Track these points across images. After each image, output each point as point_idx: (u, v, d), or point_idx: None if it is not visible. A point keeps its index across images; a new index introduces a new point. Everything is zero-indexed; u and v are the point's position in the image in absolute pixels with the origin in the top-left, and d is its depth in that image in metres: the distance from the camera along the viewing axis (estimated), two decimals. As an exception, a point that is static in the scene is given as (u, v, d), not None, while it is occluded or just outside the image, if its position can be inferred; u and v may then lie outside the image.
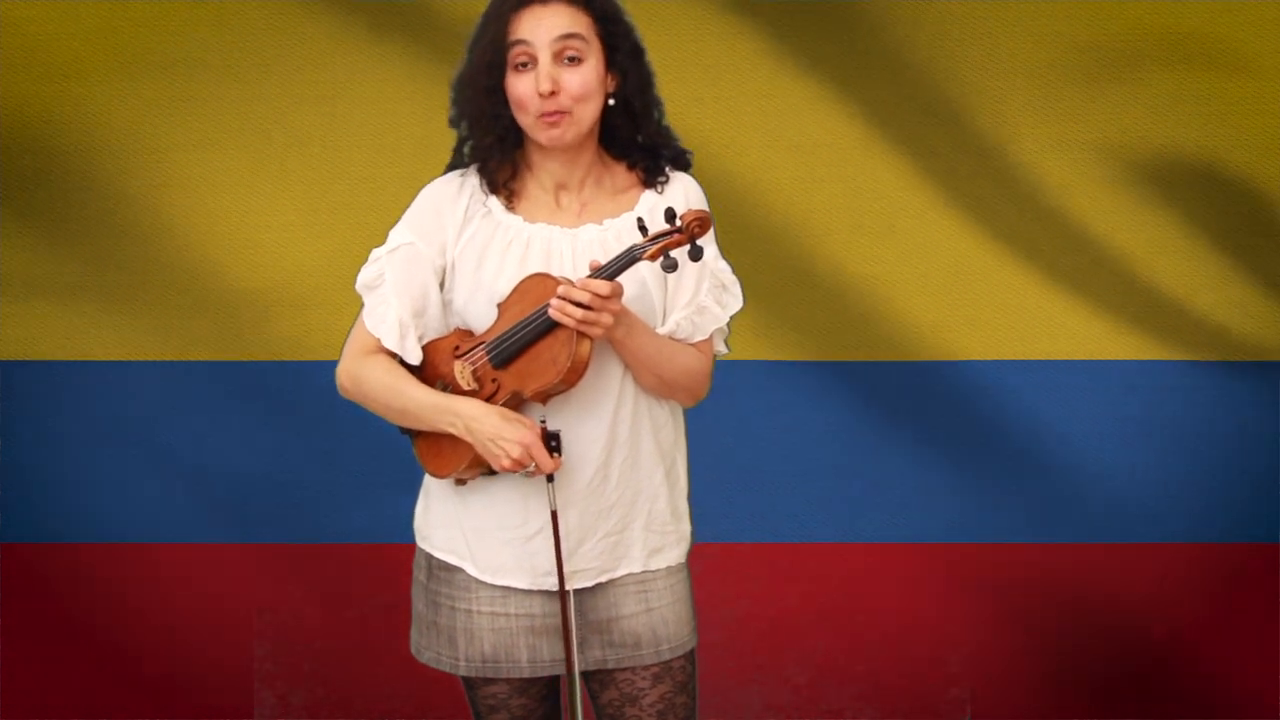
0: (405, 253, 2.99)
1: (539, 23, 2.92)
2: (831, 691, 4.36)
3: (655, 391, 3.00)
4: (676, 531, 3.09)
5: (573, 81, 2.92)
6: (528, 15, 2.93)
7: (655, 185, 3.03)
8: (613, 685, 3.06)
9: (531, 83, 2.91)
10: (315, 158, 4.28)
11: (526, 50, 2.92)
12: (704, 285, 3.03)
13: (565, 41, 2.92)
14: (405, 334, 2.98)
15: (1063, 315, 4.27)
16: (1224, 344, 4.25)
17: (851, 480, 4.30)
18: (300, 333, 4.29)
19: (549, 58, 2.91)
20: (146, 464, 4.32)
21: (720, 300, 3.04)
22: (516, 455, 2.87)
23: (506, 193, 3.00)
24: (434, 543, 3.05)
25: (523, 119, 2.95)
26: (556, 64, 2.92)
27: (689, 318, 3.02)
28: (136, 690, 4.36)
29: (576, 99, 2.92)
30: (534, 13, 2.93)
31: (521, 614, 3.02)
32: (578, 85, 2.92)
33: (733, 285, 3.06)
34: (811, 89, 4.21)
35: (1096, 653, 4.31)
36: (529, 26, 2.92)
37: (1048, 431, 4.28)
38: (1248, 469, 4.26)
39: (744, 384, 4.23)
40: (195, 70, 4.27)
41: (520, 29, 2.93)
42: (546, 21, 2.92)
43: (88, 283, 4.30)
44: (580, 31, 2.93)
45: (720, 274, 3.05)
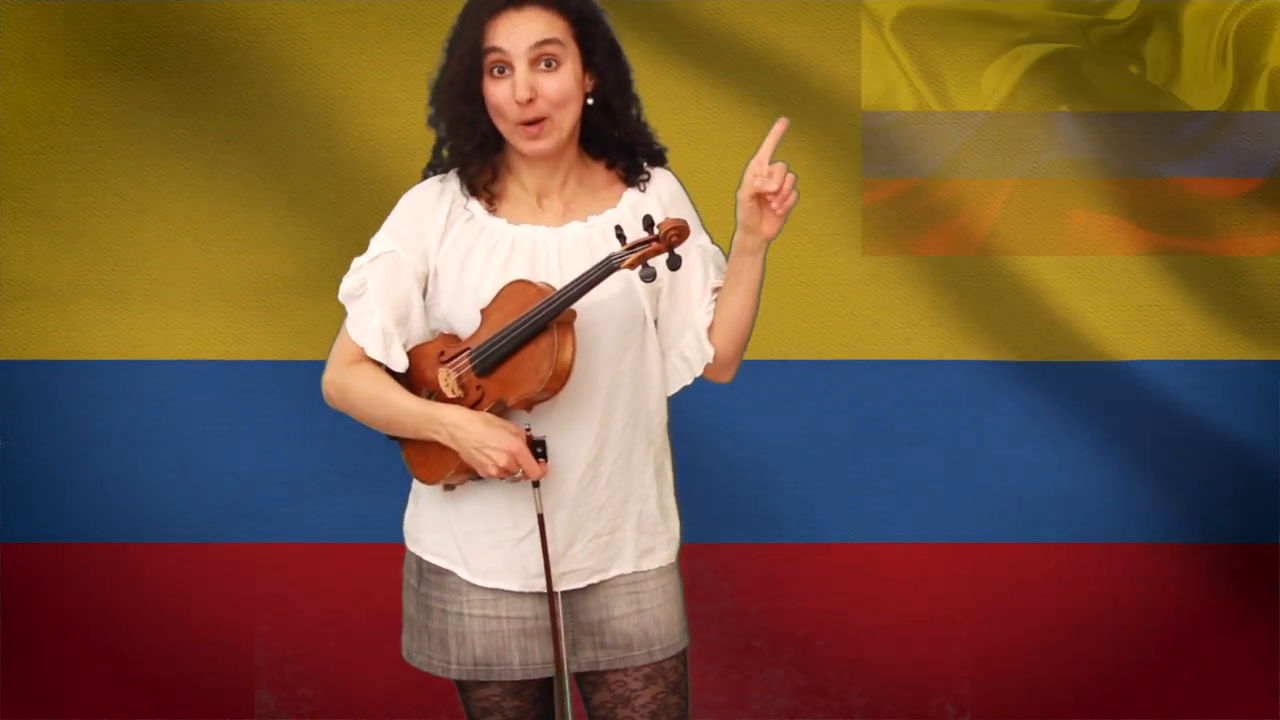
0: (387, 260, 2.99)
1: (514, 29, 2.91)
2: (830, 692, 4.35)
3: (740, 338, 3.04)
4: (666, 531, 3.08)
5: (550, 87, 2.91)
6: (503, 22, 2.91)
7: (637, 184, 3.03)
8: (605, 687, 3.06)
9: (508, 90, 2.91)
10: (315, 158, 4.28)
11: (502, 58, 2.91)
12: (709, 269, 3.06)
13: (541, 48, 2.91)
14: (389, 342, 2.98)
15: (1061, 315, 4.27)
16: (1224, 344, 4.24)
17: (851, 480, 4.30)
18: (299, 332, 4.30)
19: (525, 65, 2.90)
20: (146, 464, 4.33)
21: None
22: (503, 463, 2.87)
23: (488, 196, 3.00)
24: (424, 546, 3.05)
25: (502, 125, 2.95)
26: (533, 70, 2.91)
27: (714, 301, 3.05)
28: (136, 690, 4.36)
29: (555, 104, 2.91)
30: (509, 19, 2.91)
31: (513, 616, 3.02)
32: (555, 91, 2.91)
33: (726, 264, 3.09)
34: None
35: (1096, 653, 4.30)
36: (504, 33, 2.91)
37: (1047, 432, 4.28)
38: (1248, 469, 4.25)
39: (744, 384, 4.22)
40: (195, 70, 4.27)
41: (495, 36, 2.91)
42: (522, 28, 2.91)
43: (88, 283, 4.31)
44: (556, 36, 2.91)
45: (717, 257, 3.08)
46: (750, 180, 2.90)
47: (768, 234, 2.94)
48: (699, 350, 3.05)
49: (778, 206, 2.91)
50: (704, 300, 3.05)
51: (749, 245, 2.96)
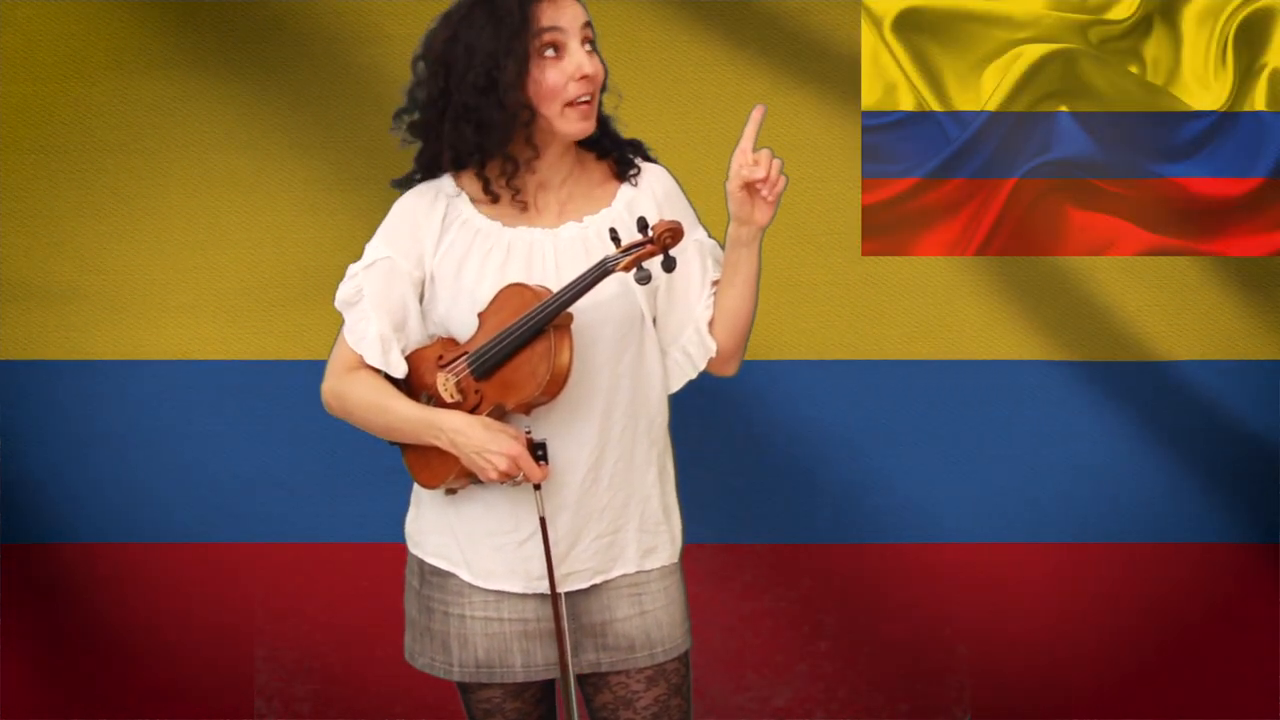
0: (382, 267, 2.99)
1: (562, 10, 2.92)
2: (830, 692, 4.35)
3: (740, 330, 3.04)
4: (669, 530, 3.08)
5: (597, 67, 2.94)
6: (549, 4, 2.92)
7: (629, 178, 3.03)
8: (607, 688, 3.06)
9: (563, 70, 2.91)
10: (315, 158, 4.28)
11: (559, 37, 2.91)
12: (708, 263, 3.06)
13: (587, 29, 2.94)
14: (388, 349, 2.98)
15: (1061, 316, 4.27)
16: (1224, 344, 4.24)
17: (851, 480, 4.30)
18: (300, 332, 4.30)
19: (578, 43, 2.92)
20: (146, 464, 4.33)
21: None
22: (503, 467, 2.87)
23: (490, 198, 2.99)
24: (426, 548, 3.05)
25: (549, 109, 2.92)
26: (582, 50, 2.93)
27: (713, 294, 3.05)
28: (136, 690, 4.36)
29: (599, 85, 2.95)
30: (555, 2, 2.92)
31: (515, 618, 3.02)
32: (599, 72, 2.94)
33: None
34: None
35: (1096, 653, 4.31)
36: (558, 13, 2.92)
37: (1047, 432, 4.28)
38: (1248, 469, 4.25)
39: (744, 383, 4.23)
40: (195, 70, 4.27)
41: (550, 17, 2.91)
42: (571, 9, 2.93)
43: (87, 283, 4.31)
44: (591, 19, 2.96)
45: (715, 250, 3.08)
46: (737, 170, 2.92)
47: (761, 222, 2.94)
48: (700, 345, 3.05)
49: (768, 193, 2.91)
50: (703, 294, 3.05)
51: (743, 236, 2.96)
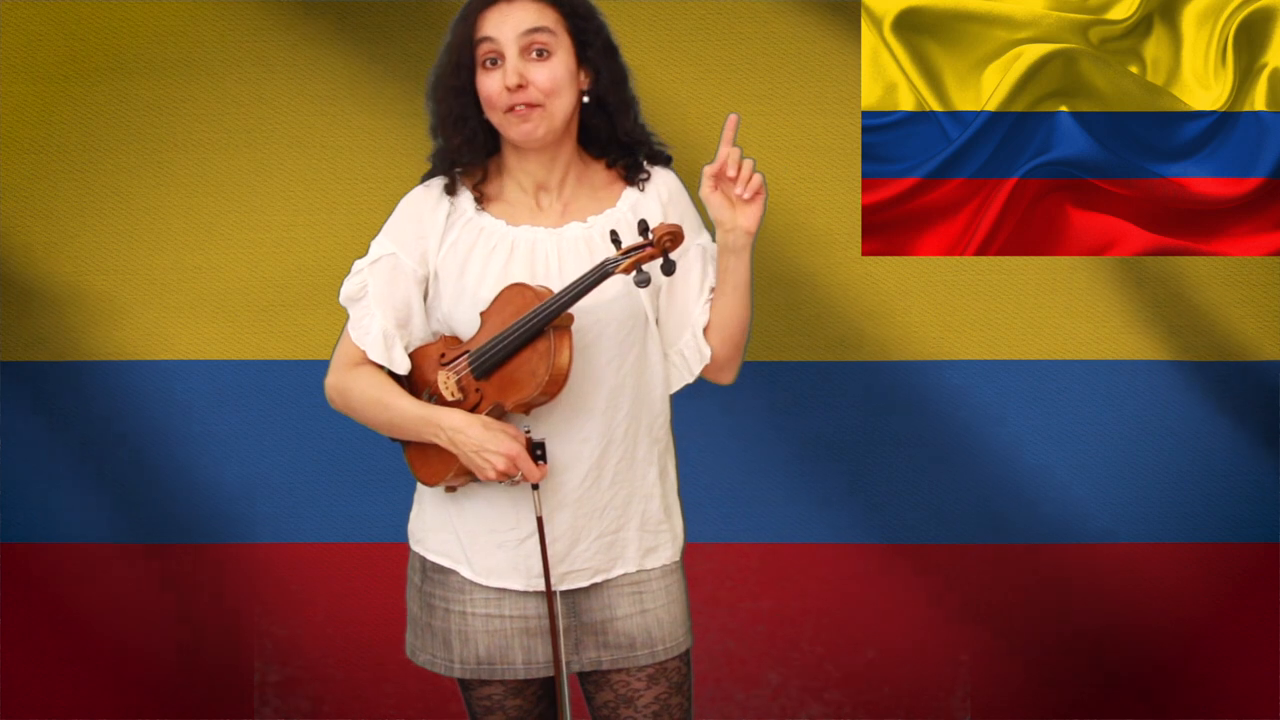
0: (387, 264, 3.00)
1: (504, 19, 2.93)
2: (830, 692, 4.35)
3: (734, 339, 3.04)
4: (670, 529, 3.08)
5: (541, 75, 2.92)
6: (493, 13, 2.94)
7: (636, 183, 3.03)
8: (608, 686, 3.06)
9: (499, 79, 2.92)
10: (315, 158, 4.28)
11: (493, 47, 2.93)
12: (708, 268, 3.06)
13: (532, 36, 2.92)
14: (391, 345, 2.98)
15: (1060, 316, 4.27)
16: (1224, 344, 4.25)
17: (850, 480, 4.30)
18: (300, 332, 4.30)
19: (515, 53, 2.92)
20: (147, 464, 4.33)
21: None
22: (502, 467, 2.87)
23: (478, 195, 3.00)
24: (428, 546, 3.06)
25: (493, 117, 2.96)
26: (524, 59, 2.92)
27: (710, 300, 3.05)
28: (136, 690, 4.36)
29: (546, 92, 2.92)
30: (499, 10, 2.94)
31: (516, 616, 3.02)
32: (546, 79, 2.92)
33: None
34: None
35: (1096, 653, 4.31)
36: (494, 23, 2.93)
37: (1046, 432, 4.28)
38: (1247, 469, 4.25)
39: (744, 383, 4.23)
40: (194, 70, 4.27)
41: (486, 27, 2.93)
42: (512, 18, 2.93)
43: (87, 283, 4.31)
44: (547, 25, 2.93)
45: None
46: (708, 173, 2.92)
47: (746, 226, 2.94)
48: (696, 350, 3.06)
49: (744, 192, 2.92)
50: (701, 299, 3.06)
51: (729, 243, 2.97)
